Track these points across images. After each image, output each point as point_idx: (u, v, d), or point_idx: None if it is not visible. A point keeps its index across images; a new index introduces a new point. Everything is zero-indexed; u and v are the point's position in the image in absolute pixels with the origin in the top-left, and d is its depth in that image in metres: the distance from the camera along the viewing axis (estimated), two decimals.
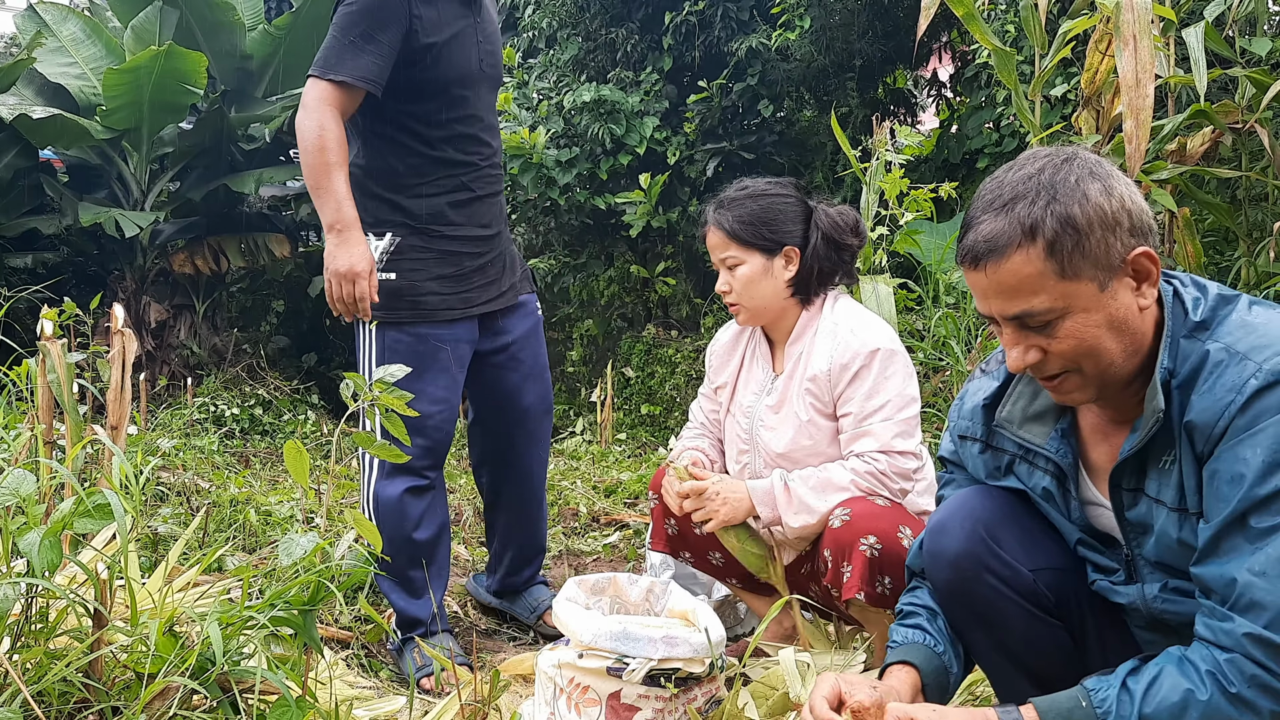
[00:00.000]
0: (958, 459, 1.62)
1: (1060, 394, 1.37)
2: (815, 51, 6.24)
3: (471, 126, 2.39)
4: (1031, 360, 1.33)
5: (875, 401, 2.06)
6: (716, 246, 2.20)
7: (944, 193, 4.01)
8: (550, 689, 1.83)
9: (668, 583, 2.02)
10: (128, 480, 1.71)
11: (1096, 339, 1.29)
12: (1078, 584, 1.51)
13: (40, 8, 6.82)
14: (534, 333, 2.58)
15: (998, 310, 1.32)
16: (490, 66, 2.43)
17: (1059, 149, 1.34)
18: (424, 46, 2.26)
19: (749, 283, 2.17)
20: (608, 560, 3.44)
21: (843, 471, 2.05)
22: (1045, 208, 1.26)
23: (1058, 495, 1.47)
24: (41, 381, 2.39)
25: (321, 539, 1.52)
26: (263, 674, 1.47)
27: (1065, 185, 1.27)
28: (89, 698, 1.51)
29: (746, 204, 2.18)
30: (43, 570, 1.41)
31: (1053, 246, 1.26)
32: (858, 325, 2.13)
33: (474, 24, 2.39)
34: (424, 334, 2.34)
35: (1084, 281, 1.27)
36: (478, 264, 2.42)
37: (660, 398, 6.39)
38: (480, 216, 2.43)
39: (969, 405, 1.58)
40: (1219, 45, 3.27)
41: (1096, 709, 1.24)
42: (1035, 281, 1.27)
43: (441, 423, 2.36)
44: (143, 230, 6.42)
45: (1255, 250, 3.34)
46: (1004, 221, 1.28)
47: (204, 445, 4.59)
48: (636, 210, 6.52)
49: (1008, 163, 1.37)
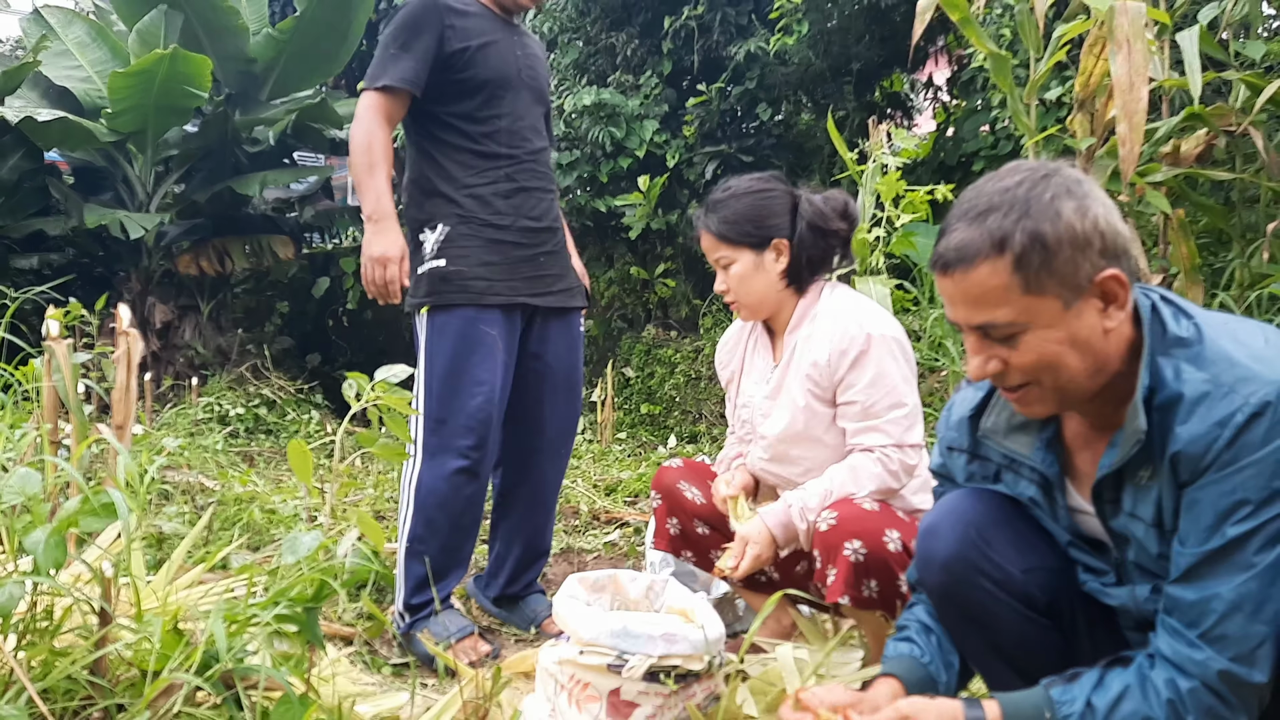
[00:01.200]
0: (947, 471, 1.63)
1: (1022, 405, 1.38)
2: (813, 56, 6.26)
3: (513, 123, 2.53)
4: (992, 370, 1.34)
5: (880, 392, 2.06)
6: (708, 249, 2.23)
7: (940, 195, 4.03)
8: (551, 685, 1.85)
9: (667, 580, 2.03)
10: (133, 479, 1.73)
11: (1057, 355, 1.30)
12: (1069, 584, 1.52)
13: (46, 11, 6.85)
14: (572, 348, 2.63)
15: (963, 318, 1.34)
16: (530, 78, 2.58)
17: (1042, 163, 1.34)
18: (458, 50, 2.44)
19: (742, 280, 2.19)
20: (608, 558, 3.47)
21: (849, 473, 2.05)
22: (1016, 222, 1.27)
23: (1044, 504, 1.49)
24: (47, 381, 2.41)
25: (325, 537, 1.54)
26: (266, 671, 1.49)
27: (1039, 201, 1.28)
28: (94, 695, 1.52)
29: (730, 204, 2.20)
30: (48, 568, 1.42)
31: (1020, 261, 1.26)
32: (858, 312, 2.14)
33: (512, 39, 2.57)
34: (471, 317, 2.43)
35: (1048, 298, 1.28)
36: (525, 254, 2.51)
37: (660, 398, 6.41)
38: (528, 209, 2.52)
39: (955, 417, 1.59)
40: (1213, 49, 3.28)
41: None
42: (999, 294, 1.28)
43: (484, 404, 2.42)
44: (148, 232, 6.45)
45: (1249, 252, 3.36)
46: (975, 231, 1.29)
47: (209, 445, 4.61)
48: (636, 212, 6.54)
49: (991, 172, 1.37)
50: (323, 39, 6.89)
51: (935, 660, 1.54)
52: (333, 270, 8.04)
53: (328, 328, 8.12)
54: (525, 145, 2.55)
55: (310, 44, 6.86)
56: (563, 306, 2.60)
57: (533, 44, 2.65)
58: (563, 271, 2.62)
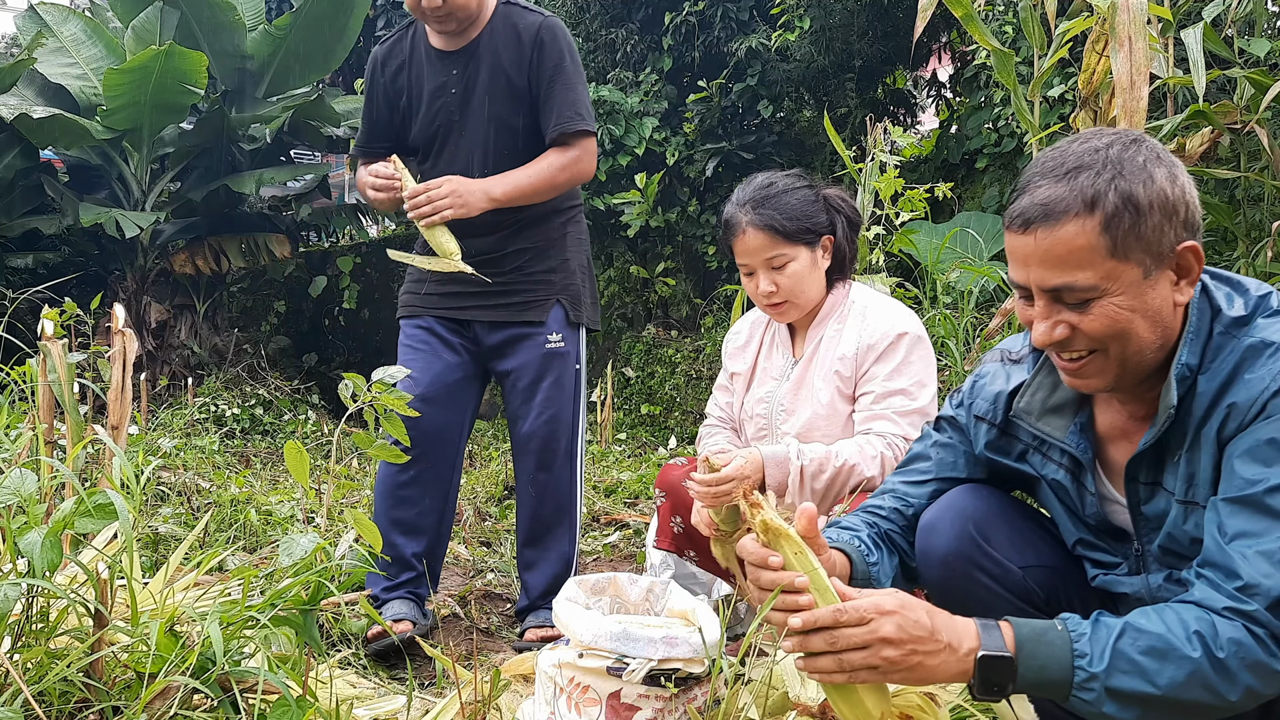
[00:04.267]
0: (962, 427, 1.59)
1: (1079, 377, 1.34)
2: (815, 52, 6.25)
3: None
4: (1059, 336, 1.29)
5: (898, 383, 2.06)
6: (760, 248, 2.13)
7: (939, 193, 4.02)
8: (550, 689, 1.83)
9: (667, 582, 2.02)
10: (128, 480, 1.71)
11: (1129, 323, 1.26)
12: (1067, 581, 1.51)
13: (41, 8, 6.82)
14: (540, 366, 2.59)
15: (1037, 280, 1.28)
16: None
17: (1126, 130, 1.31)
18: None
19: (800, 279, 2.13)
20: (608, 560, 3.45)
21: (855, 448, 2.03)
22: (1110, 182, 1.23)
23: (1071, 489, 1.46)
24: (42, 381, 2.40)
25: (322, 539, 1.52)
26: (263, 674, 1.47)
27: (1133, 164, 1.24)
28: (90, 698, 1.51)
29: (783, 199, 2.13)
30: (43, 570, 1.41)
31: (1109, 222, 1.23)
32: (887, 308, 2.15)
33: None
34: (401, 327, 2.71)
35: (1131, 264, 1.24)
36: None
37: (660, 398, 6.40)
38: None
39: (991, 389, 1.54)
40: (1218, 46, 3.27)
41: (1070, 631, 1.22)
42: (1084, 255, 1.24)
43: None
44: (143, 230, 6.42)
45: (1254, 250, 3.34)
46: (1064, 189, 1.24)
47: (204, 445, 4.59)
48: (634, 210, 6.53)
49: (1068, 136, 1.33)
50: (320, 35, 6.86)
51: (881, 561, 1.51)
52: (329, 269, 8.02)
53: (324, 327, 8.10)
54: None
55: (307, 40, 6.83)
56: (511, 325, 2.66)
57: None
58: (507, 290, 2.67)
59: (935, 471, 1.61)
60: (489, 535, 3.61)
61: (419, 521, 2.56)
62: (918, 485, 1.61)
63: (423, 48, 2.59)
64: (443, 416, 2.56)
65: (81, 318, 2.75)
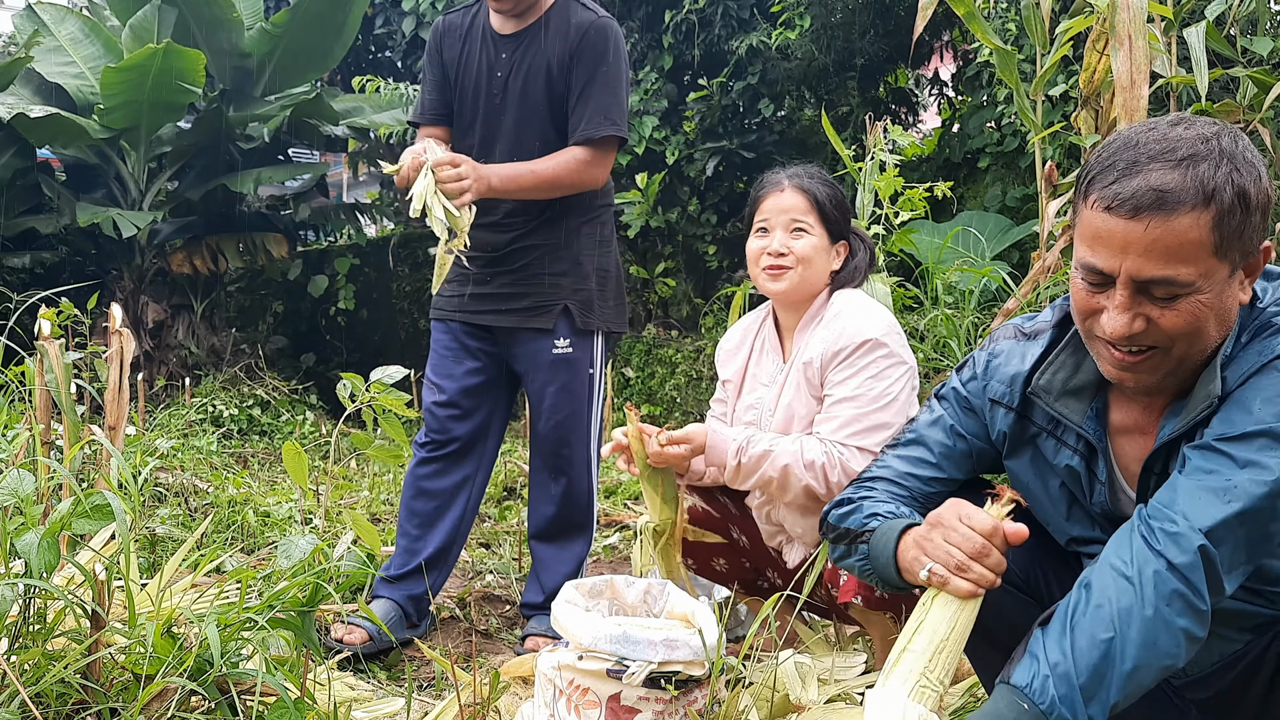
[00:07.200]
0: (975, 409, 1.55)
1: (1131, 371, 1.28)
2: (816, 50, 6.24)
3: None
4: (1138, 329, 1.24)
5: (850, 388, 2.05)
6: (792, 208, 2.18)
7: (939, 192, 4.01)
8: (550, 691, 1.82)
9: (665, 584, 2.01)
10: (126, 481, 1.70)
11: (1205, 321, 1.22)
12: (1044, 561, 1.51)
13: (38, 7, 6.80)
14: (548, 372, 2.57)
15: (1132, 269, 1.21)
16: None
17: (1212, 119, 1.26)
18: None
19: (812, 256, 2.18)
20: (608, 561, 3.44)
21: (795, 444, 2.04)
22: (1228, 175, 1.18)
23: (1083, 475, 1.44)
24: (39, 382, 2.39)
25: (320, 540, 1.51)
26: (261, 676, 1.46)
27: (1243, 158, 1.19)
28: (87, 699, 1.51)
29: (834, 190, 2.24)
30: (40, 571, 1.40)
31: (1221, 218, 1.18)
32: (857, 313, 2.13)
33: None
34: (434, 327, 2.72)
35: (1226, 263, 1.20)
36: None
37: (660, 398, 6.39)
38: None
39: (1007, 371, 1.50)
40: (1220, 45, 3.26)
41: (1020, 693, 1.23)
42: (1193, 249, 1.18)
43: (431, 406, 2.63)
44: (141, 230, 6.41)
45: None
46: (1182, 177, 1.18)
47: (202, 446, 4.58)
48: (634, 210, 6.52)
49: (1158, 117, 1.27)
50: (318, 33, 6.84)
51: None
52: (328, 269, 8.00)
53: (322, 327, 8.08)
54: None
55: (305, 38, 6.81)
56: (520, 330, 2.65)
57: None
58: (517, 293, 2.66)
59: (940, 463, 1.58)
60: (488, 537, 3.60)
61: (434, 515, 2.58)
62: (920, 478, 1.58)
63: (481, 25, 2.58)
64: (465, 420, 2.60)
65: (78, 317, 2.74)
